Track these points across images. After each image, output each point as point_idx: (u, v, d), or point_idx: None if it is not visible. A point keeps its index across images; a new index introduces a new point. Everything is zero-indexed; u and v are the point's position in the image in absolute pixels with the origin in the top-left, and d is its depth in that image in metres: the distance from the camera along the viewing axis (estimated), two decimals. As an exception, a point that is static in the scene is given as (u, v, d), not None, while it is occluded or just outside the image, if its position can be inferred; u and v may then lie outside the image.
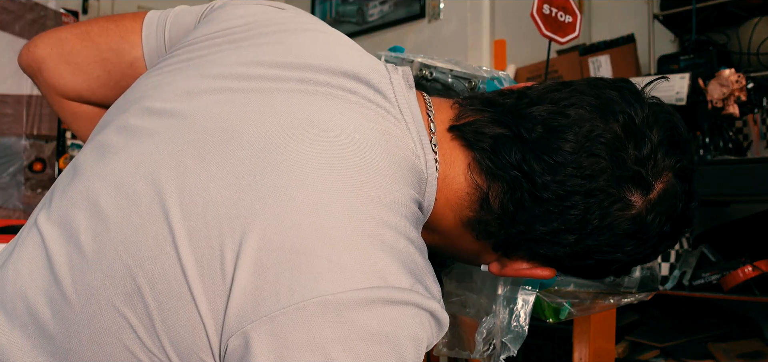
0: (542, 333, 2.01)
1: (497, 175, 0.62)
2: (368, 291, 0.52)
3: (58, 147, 2.27)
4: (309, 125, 0.58)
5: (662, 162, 0.61)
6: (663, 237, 0.64)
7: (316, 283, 0.51)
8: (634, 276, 0.97)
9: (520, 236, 0.63)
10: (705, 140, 1.94)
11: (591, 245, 0.62)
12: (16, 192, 2.16)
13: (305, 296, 0.50)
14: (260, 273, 0.51)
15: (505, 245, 0.65)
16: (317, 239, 0.52)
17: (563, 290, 0.94)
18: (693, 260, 1.92)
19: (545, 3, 1.79)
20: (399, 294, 0.53)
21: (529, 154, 0.61)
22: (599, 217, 0.60)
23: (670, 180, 0.62)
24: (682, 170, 0.63)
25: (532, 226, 0.62)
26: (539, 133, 0.61)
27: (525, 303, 0.81)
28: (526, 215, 0.61)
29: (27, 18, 2.22)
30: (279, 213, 0.53)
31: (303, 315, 0.50)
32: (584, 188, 0.60)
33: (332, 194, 0.54)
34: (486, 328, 0.79)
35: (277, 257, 0.51)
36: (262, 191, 0.54)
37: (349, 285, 0.51)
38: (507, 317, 0.81)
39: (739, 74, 1.87)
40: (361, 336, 0.51)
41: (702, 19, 2.26)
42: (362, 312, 0.51)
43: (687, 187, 0.63)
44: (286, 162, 0.55)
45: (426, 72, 0.86)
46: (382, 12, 3.14)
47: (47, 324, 0.56)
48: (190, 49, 0.66)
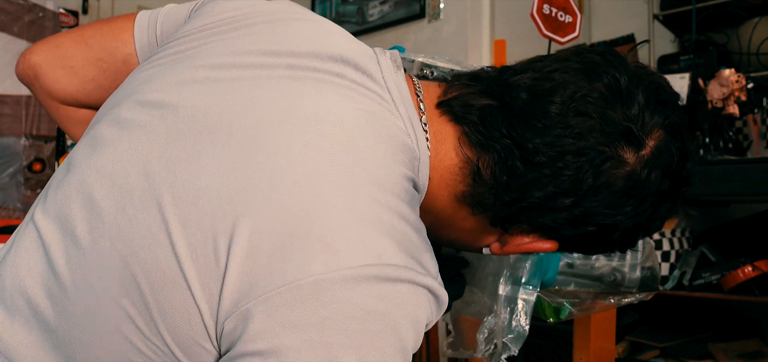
0: (542, 333, 2.01)
1: (487, 145, 0.62)
2: (361, 269, 0.52)
3: (57, 147, 2.27)
4: (297, 109, 0.58)
5: (651, 119, 0.61)
6: (662, 196, 0.64)
7: (308, 264, 0.51)
8: (634, 275, 0.97)
9: (516, 205, 0.63)
10: (705, 140, 1.94)
11: (589, 208, 0.62)
12: (15, 192, 2.15)
13: (298, 276, 0.51)
14: (253, 257, 0.51)
15: (502, 219, 0.65)
16: (309, 221, 0.52)
17: (564, 290, 0.94)
18: (693, 260, 1.92)
19: (545, 3, 1.79)
20: (393, 271, 0.53)
21: (517, 121, 0.61)
22: (593, 176, 0.60)
23: (661, 136, 0.62)
24: (673, 127, 0.63)
25: (526, 192, 0.61)
26: (525, 99, 0.62)
27: (526, 302, 0.81)
28: (520, 181, 0.61)
29: (25, 19, 2.22)
30: (270, 198, 0.53)
31: (297, 295, 0.51)
32: (575, 147, 0.60)
33: (322, 176, 0.55)
34: (488, 328, 0.79)
35: (270, 241, 0.52)
36: (252, 176, 0.54)
37: (342, 264, 0.51)
38: (508, 317, 0.81)
39: (739, 74, 1.87)
40: (354, 315, 0.51)
41: (702, 19, 2.26)
42: (356, 290, 0.51)
43: (680, 144, 0.63)
44: (274, 147, 0.56)
45: (426, 71, 0.86)
46: (382, 12, 3.14)
47: (48, 317, 0.56)
48: (181, 42, 0.67)
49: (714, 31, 2.32)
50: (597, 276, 0.95)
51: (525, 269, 0.83)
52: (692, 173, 0.66)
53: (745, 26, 2.21)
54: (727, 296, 1.82)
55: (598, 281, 0.95)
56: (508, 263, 0.84)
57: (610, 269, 0.95)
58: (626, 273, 0.96)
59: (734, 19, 2.27)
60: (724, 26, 2.31)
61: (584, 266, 0.93)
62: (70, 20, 2.54)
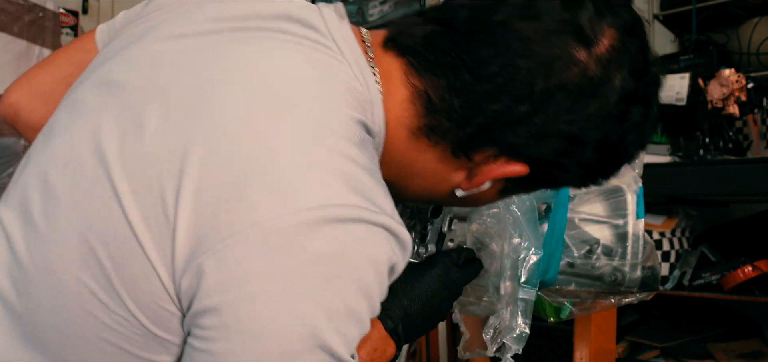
0: (542, 333, 2.01)
1: (433, 70, 0.62)
2: (309, 212, 0.51)
3: (57, 147, 2.27)
4: (241, 66, 0.59)
5: (602, 19, 0.61)
6: (630, 97, 0.62)
7: (253, 211, 0.51)
8: (634, 275, 0.97)
9: (472, 124, 0.61)
10: (705, 140, 1.93)
11: (549, 114, 0.60)
12: (15, 193, 2.15)
13: (244, 225, 0.50)
14: (200, 211, 0.52)
15: (463, 144, 0.63)
16: (252, 169, 0.53)
17: (564, 289, 0.94)
18: (693, 260, 1.92)
19: (545, 3, 1.79)
20: (343, 211, 0.52)
21: (461, 38, 0.61)
22: (544, 76, 0.59)
23: (616, 35, 0.61)
24: (629, 26, 0.62)
25: (480, 107, 0.61)
26: (466, 16, 0.62)
27: (526, 302, 0.81)
28: (472, 96, 0.60)
29: (25, 19, 2.22)
30: (213, 151, 0.53)
31: (244, 245, 0.50)
32: (523, 49, 0.59)
33: (266, 126, 0.55)
34: (492, 327, 0.79)
35: (215, 194, 0.52)
36: (195, 134, 0.55)
37: (288, 207, 0.51)
38: (508, 316, 0.81)
39: (739, 74, 1.87)
40: (309, 260, 0.51)
41: (702, 19, 2.25)
42: (306, 235, 0.51)
43: (639, 42, 0.63)
44: (218, 103, 0.56)
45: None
46: (382, 12, 3.14)
47: (13, 303, 0.57)
48: (132, 27, 0.69)
49: (714, 31, 2.32)
50: (597, 275, 0.95)
51: (525, 268, 0.83)
52: (659, 76, 0.65)
53: (745, 26, 2.21)
54: (727, 296, 1.82)
55: (598, 280, 0.95)
56: (509, 262, 0.84)
57: (610, 268, 0.95)
58: (627, 272, 0.96)
59: (734, 19, 2.26)
60: (724, 26, 2.31)
61: (585, 265, 0.93)
62: (70, 20, 2.54)
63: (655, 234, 1.92)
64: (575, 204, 0.91)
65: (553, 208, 0.85)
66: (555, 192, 0.86)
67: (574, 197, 0.90)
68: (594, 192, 0.93)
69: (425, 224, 0.84)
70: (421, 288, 0.75)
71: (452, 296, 0.79)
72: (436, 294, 0.75)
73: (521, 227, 0.81)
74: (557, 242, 0.86)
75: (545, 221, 0.85)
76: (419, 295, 0.74)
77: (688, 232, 2.03)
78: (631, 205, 0.95)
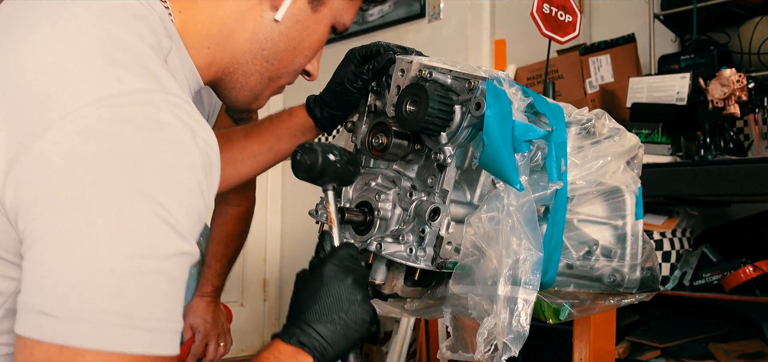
0: (542, 333, 2.01)
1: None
2: (97, 102, 0.58)
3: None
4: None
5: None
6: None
7: (49, 113, 0.57)
8: (634, 276, 0.97)
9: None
10: (706, 140, 1.93)
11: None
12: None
13: (41, 148, 0.56)
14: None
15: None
16: (35, 87, 0.59)
17: (563, 291, 0.93)
18: (694, 260, 1.91)
19: (545, 2, 1.79)
20: (133, 94, 0.60)
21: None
22: None
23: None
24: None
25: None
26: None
27: (526, 302, 0.80)
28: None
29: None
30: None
31: (46, 168, 0.56)
32: None
33: (45, 46, 0.62)
34: (487, 329, 0.78)
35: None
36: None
37: (77, 103, 0.57)
38: (508, 317, 0.80)
39: (740, 74, 1.86)
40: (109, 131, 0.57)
41: (703, 19, 2.25)
42: (95, 117, 0.57)
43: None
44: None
45: (425, 72, 0.86)
46: (382, 12, 3.13)
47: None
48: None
49: (715, 30, 2.31)
50: (596, 276, 0.94)
51: (525, 269, 0.83)
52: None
53: (746, 26, 2.21)
54: (728, 296, 1.82)
55: (597, 281, 0.95)
56: (508, 263, 0.83)
57: (609, 269, 0.95)
58: (626, 273, 0.95)
59: (735, 18, 2.26)
60: (725, 26, 2.30)
61: (584, 266, 0.93)
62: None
63: (655, 234, 1.91)
64: (574, 205, 0.91)
65: (552, 209, 0.85)
66: (554, 194, 0.85)
67: (573, 197, 0.90)
68: (593, 193, 0.93)
69: (423, 227, 0.83)
70: (314, 285, 0.75)
71: (357, 277, 0.77)
72: (335, 280, 0.75)
73: (520, 229, 0.81)
74: (556, 243, 0.86)
75: (544, 222, 0.85)
76: (318, 295, 0.74)
77: (689, 232, 2.02)
78: (629, 205, 0.95)
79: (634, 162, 0.98)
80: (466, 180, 0.86)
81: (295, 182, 1.38)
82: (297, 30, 0.82)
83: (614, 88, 2.38)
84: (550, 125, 0.85)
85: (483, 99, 0.80)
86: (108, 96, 0.58)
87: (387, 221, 0.88)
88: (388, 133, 0.90)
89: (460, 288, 0.84)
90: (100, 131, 0.56)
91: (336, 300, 0.73)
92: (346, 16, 0.88)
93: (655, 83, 2.11)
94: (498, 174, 0.80)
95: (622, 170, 0.95)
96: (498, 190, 0.81)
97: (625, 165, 0.96)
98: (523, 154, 0.81)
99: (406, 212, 0.86)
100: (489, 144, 0.78)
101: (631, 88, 2.17)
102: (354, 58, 0.97)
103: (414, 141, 0.89)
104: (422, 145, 0.89)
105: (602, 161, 0.91)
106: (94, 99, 0.57)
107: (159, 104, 0.60)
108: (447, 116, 0.83)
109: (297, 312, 0.73)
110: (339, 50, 1.06)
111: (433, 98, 0.81)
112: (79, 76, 0.59)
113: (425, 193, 0.86)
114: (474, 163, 0.85)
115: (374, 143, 0.92)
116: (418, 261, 0.83)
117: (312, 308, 0.72)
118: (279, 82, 0.88)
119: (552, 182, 0.84)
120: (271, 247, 3.53)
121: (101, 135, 0.56)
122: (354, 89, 0.95)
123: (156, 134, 0.59)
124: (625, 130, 0.97)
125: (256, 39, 0.81)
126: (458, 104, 0.83)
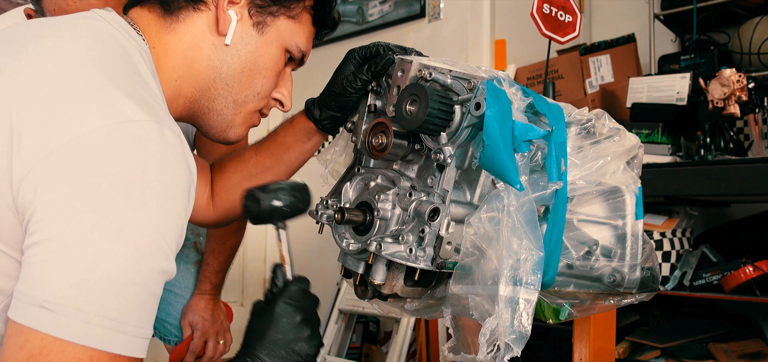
0: (542, 333, 2.01)
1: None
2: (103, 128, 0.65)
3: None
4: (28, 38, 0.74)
5: None
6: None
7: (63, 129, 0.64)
8: (634, 276, 0.96)
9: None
10: (706, 140, 1.93)
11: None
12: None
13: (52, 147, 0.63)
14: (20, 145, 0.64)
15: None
16: (52, 100, 0.66)
17: (563, 291, 0.93)
18: (694, 260, 1.91)
19: (545, 2, 1.79)
20: (137, 122, 0.68)
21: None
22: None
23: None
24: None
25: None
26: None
27: (527, 303, 0.80)
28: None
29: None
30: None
31: (67, 161, 0.63)
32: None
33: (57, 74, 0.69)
34: (489, 329, 0.78)
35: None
36: (6, 76, 0.68)
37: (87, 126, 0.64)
38: (510, 317, 0.80)
39: (740, 74, 1.86)
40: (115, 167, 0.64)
41: (703, 19, 2.25)
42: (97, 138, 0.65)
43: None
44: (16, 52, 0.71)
45: (425, 72, 0.86)
46: (382, 12, 3.14)
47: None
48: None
49: (715, 30, 2.32)
50: (596, 276, 0.94)
51: (526, 269, 0.83)
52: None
53: (746, 26, 2.21)
54: (728, 296, 1.82)
55: (597, 281, 0.95)
56: (508, 264, 0.83)
57: (609, 269, 0.95)
58: (626, 273, 0.95)
59: (735, 18, 2.26)
60: (725, 26, 2.31)
61: (584, 266, 0.93)
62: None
63: (655, 234, 1.91)
64: (574, 205, 0.90)
65: (552, 209, 0.85)
66: (554, 194, 0.85)
67: (573, 197, 0.89)
68: (593, 193, 0.93)
69: (423, 227, 0.83)
70: (265, 322, 0.80)
71: (306, 314, 0.82)
72: (284, 317, 0.81)
73: (520, 229, 0.81)
74: (556, 243, 0.86)
75: (544, 222, 0.84)
76: (268, 332, 0.79)
77: (689, 232, 2.02)
78: (629, 205, 0.95)
79: (634, 162, 0.98)
80: (466, 180, 0.86)
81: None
82: (247, 51, 0.89)
83: (614, 88, 2.38)
84: (550, 125, 0.85)
85: (483, 99, 0.80)
86: (116, 122, 0.65)
87: (387, 221, 0.88)
88: (388, 133, 0.90)
89: (460, 288, 0.84)
90: (108, 152, 0.64)
91: (284, 337, 0.79)
92: (298, 40, 0.93)
93: (655, 83, 2.12)
94: (498, 174, 0.80)
95: (622, 170, 0.95)
96: (498, 190, 0.81)
97: (625, 165, 0.96)
98: (523, 154, 0.81)
99: (406, 213, 0.86)
100: (489, 144, 0.78)
101: (631, 88, 2.17)
102: (353, 59, 0.97)
103: (414, 141, 0.89)
104: (422, 145, 0.89)
105: (602, 161, 0.91)
106: (105, 124, 0.65)
107: (162, 131, 0.68)
108: (447, 115, 0.83)
109: (248, 344, 0.80)
110: (339, 50, 1.06)
111: (432, 98, 0.81)
112: (91, 101, 0.67)
113: (425, 193, 0.86)
114: (474, 163, 0.85)
115: (374, 143, 0.92)
116: (417, 261, 0.83)
117: (261, 342, 0.79)
118: (246, 106, 0.93)
119: (552, 182, 0.84)
120: (271, 247, 3.53)
121: (109, 155, 0.64)
122: (353, 90, 0.96)
123: (159, 159, 0.66)
124: (625, 130, 0.97)
125: (212, 65, 0.87)
126: (458, 104, 0.83)
